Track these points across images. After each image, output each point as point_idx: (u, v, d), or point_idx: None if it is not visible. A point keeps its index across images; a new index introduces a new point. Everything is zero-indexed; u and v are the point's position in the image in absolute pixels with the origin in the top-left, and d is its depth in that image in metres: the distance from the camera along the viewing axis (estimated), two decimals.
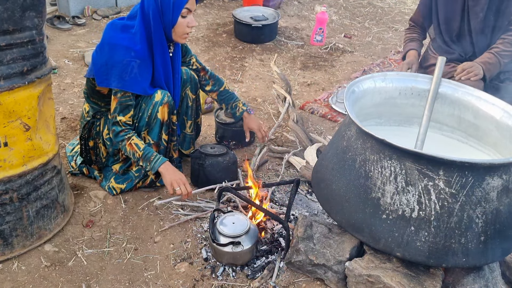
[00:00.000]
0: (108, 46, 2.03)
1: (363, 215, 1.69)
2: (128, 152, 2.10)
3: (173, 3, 2.00)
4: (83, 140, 2.30)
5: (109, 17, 4.59)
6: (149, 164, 2.08)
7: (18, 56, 1.64)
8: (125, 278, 1.90)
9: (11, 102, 1.66)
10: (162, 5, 2.01)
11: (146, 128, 2.18)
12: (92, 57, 2.12)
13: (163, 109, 2.15)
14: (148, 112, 2.14)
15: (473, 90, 2.01)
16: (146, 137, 2.21)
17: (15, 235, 1.88)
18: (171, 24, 2.05)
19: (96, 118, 2.29)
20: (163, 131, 2.20)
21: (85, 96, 2.29)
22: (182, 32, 2.09)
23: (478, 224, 1.58)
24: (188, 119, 2.51)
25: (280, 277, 1.92)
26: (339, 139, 1.88)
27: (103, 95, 2.23)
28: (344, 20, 5.18)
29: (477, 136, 2.03)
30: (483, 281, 1.72)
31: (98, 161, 2.34)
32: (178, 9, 2.02)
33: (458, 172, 1.53)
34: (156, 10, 2.02)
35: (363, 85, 2.01)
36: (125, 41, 2.02)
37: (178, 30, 2.08)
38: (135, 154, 2.09)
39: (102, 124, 2.25)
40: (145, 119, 2.16)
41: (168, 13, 2.02)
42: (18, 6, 1.59)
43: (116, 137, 2.10)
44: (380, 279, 1.68)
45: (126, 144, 2.09)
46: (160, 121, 2.17)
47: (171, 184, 2.06)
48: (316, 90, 3.64)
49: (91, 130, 2.28)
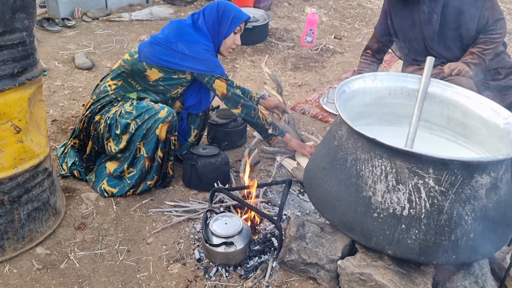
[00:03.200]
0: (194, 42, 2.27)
1: (354, 213, 1.71)
2: (262, 118, 2.40)
3: (232, 17, 2.32)
4: (92, 113, 2.30)
5: (99, 19, 4.58)
6: (278, 130, 2.45)
7: (8, 57, 1.64)
8: (118, 280, 1.89)
9: (1, 104, 1.65)
10: (223, 16, 2.31)
11: (143, 139, 2.22)
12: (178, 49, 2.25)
13: (163, 127, 2.20)
14: (148, 124, 2.19)
15: (461, 90, 2.04)
16: (141, 148, 2.23)
17: (6, 238, 1.87)
18: (224, 35, 2.34)
19: (117, 99, 2.31)
20: (159, 148, 2.24)
21: (123, 75, 2.31)
22: (229, 45, 2.39)
23: (467, 221, 1.60)
24: (195, 128, 2.58)
25: (273, 276, 1.92)
26: (330, 139, 1.90)
27: (147, 80, 2.30)
28: (334, 21, 5.21)
29: (465, 135, 2.06)
30: (473, 277, 1.75)
31: (94, 137, 2.32)
32: (235, 24, 2.34)
33: (447, 170, 1.55)
34: (216, 19, 2.31)
35: (353, 85, 2.03)
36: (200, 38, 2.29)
37: (227, 42, 2.38)
38: (267, 120, 2.42)
39: (119, 106, 2.27)
40: (143, 130, 2.20)
41: (225, 25, 2.32)
42: (8, 8, 1.58)
43: (249, 108, 2.36)
44: (372, 277, 1.70)
45: (258, 111, 2.39)
46: (157, 138, 2.21)
47: (304, 148, 2.52)
48: (307, 91, 3.66)
49: (104, 107, 2.30)
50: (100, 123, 2.28)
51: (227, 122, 2.73)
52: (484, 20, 2.56)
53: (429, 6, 2.58)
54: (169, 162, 2.35)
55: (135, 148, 2.24)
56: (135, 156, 2.26)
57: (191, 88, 2.43)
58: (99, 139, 2.31)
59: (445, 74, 2.54)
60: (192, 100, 2.45)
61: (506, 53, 2.76)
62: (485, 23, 2.56)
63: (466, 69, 2.54)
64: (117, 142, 2.25)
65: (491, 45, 2.59)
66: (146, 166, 2.25)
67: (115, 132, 2.23)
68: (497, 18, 2.56)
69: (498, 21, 2.56)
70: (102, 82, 2.39)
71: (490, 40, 2.58)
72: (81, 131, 2.38)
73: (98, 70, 3.65)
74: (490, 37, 2.59)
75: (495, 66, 2.72)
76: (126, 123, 2.20)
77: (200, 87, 2.43)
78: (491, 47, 2.59)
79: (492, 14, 2.56)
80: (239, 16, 2.35)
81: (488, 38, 2.59)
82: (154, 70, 2.26)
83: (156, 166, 2.28)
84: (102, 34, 4.31)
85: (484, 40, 2.59)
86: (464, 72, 2.52)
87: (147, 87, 2.32)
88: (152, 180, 2.31)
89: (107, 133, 2.26)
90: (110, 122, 2.24)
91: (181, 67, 2.26)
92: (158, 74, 2.27)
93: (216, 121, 2.76)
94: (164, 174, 2.37)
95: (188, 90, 2.44)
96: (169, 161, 2.34)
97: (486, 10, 2.54)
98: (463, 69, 2.53)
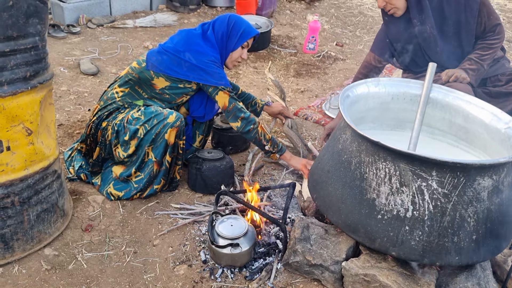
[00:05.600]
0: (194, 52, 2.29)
1: (359, 215, 1.74)
2: (260, 133, 2.37)
3: (242, 31, 2.37)
4: (99, 120, 2.34)
5: (104, 26, 4.63)
6: (276, 147, 2.40)
7: (21, 61, 1.68)
8: (125, 280, 1.92)
9: (14, 107, 1.69)
10: (232, 30, 2.36)
11: (151, 144, 2.25)
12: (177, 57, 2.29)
13: (172, 132, 2.23)
14: (157, 129, 2.22)
15: (463, 95, 2.08)
16: (150, 152, 2.26)
17: (15, 238, 1.90)
18: (231, 49, 2.39)
19: (124, 106, 2.34)
20: (167, 152, 2.27)
21: (130, 82, 2.34)
22: (235, 58, 2.43)
23: (470, 223, 1.63)
24: (200, 134, 2.62)
25: (277, 278, 1.95)
26: (334, 142, 1.93)
27: (153, 88, 2.34)
28: (335, 29, 5.27)
29: (467, 139, 2.10)
30: (475, 279, 1.78)
31: (102, 143, 2.36)
32: (243, 39, 2.38)
33: (450, 173, 1.58)
34: (226, 32, 2.35)
35: (357, 90, 2.07)
36: (208, 50, 2.33)
37: (234, 56, 2.42)
38: (266, 136, 2.38)
39: (125, 112, 2.30)
40: (152, 135, 2.23)
41: (234, 39, 2.36)
42: (22, 13, 1.63)
43: (249, 123, 2.34)
44: (376, 278, 1.72)
45: (259, 127, 2.37)
46: (166, 142, 2.24)
47: (305, 166, 2.40)
48: (310, 97, 3.71)
49: (112, 114, 2.33)
50: (108, 130, 2.31)
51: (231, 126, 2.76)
52: (482, 27, 2.60)
53: (420, 19, 2.61)
54: (176, 167, 2.38)
55: (143, 153, 2.27)
56: (143, 161, 2.29)
57: (197, 100, 2.46)
58: (106, 145, 2.35)
59: (442, 80, 2.58)
60: (198, 112, 2.50)
61: (505, 59, 2.79)
62: (483, 30, 2.60)
63: (464, 76, 2.57)
64: (125, 148, 2.28)
65: (489, 51, 2.62)
66: (154, 170, 2.29)
67: (123, 138, 2.26)
68: (494, 24, 2.60)
69: (495, 26, 2.60)
70: (109, 88, 2.43)
71: (488, 46, 2.62)
72: (88, 136, 2.42)
73: (103, 76, 3.70)
74: (488, 43, 2.62)
75: (495, 73, 2.75)
76: (135, 129, 2.23)
77: (206, 99, 2.47)
78: (489, 52, 2.62)
79: (489, 20, 2.59)
80: (248, 32, 2.39)
81: (486, 44, 2.62)
82: (161, 79, 2.30)
83: (163, 171, 2.32)
84: (106, 40, 4.36)
85: (481, 46, 2.63)
86: (461, 78, 2.56)
87: (153, 95, 2.35)
88: (159, 184, 2.34)
89: (114, 140, 2.30)
90: (118, 128, 2.27)
91: (187, 77, 2.29)
92: (165, 82, 2.31)
93: (220, 126, 2.80)
94: (171, 179, 2.40)
95: (194, 101, 2.47)
96: (176, 165, 2.37)
97: (482, 17, 2.58)
98: (460, 75, 2.57)
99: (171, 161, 2.32)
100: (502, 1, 6.58)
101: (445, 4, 2.57)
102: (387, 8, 2.66)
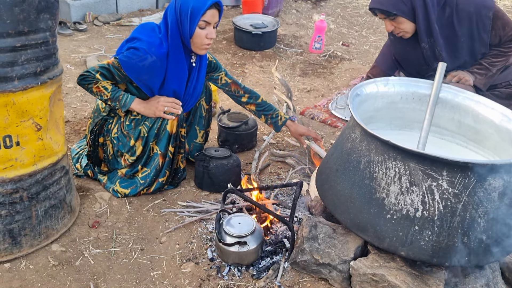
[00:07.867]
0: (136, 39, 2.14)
1: (367, 215, 1.73)
2: (95, 93, 2.13)
3: (190, 14, 2.06)
4: (93, 135, 2.33)
5: (110, 23, 4.64)
6: (118, 103, 2.14)
7: (32, 57, 1.68)
8: (132, 277, 1.92)
9: (24, 102, 1.69)
10: (181, 16, 2.08)
11: (155, 138, 2.24)
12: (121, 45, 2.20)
13: (172, 122, 2.22)
14: (158, 123, 2.21)
15: (472, 95, 2.07)
16: (154, 147, 2.26)
17: (23, 234, 1.90)
18: (188, 35, 2.11)
19: (110, 115, 2.33)
20: (170, 143, 2.26)
21: None
22: (200, 43, 2.14)
23: (480, 224, 1.62)
24: (201, 129, 2.58)
25: (285, 277, 1.94)
26: (343, 142, 1.93)
27: None
28: (341, 28, 5.26)
29: (476, 140, 2.09)
30: (484, 280, 1.77)
31: (106, 159, 2.37)
32: (194, 21, 2.07)
33: (461, 173, 1.57)
34: (175, 20, 2.10)
35: (366, 89, 2.06)
36: (151, 38, 2.12)
37: (196, 41, 2.13)
38: (103, 96, 2.13)
39: (114, 122, 2.29)
40: (154, 130, 2.22)
41: (186, 24, 2.09)
42: (33, 8, 1.62)
43: (83, 80, 2.10)
44: (384, 278, 1.72)
45: (93, 87, 2.12)
46: (169, 133, 2.23)
47: (155, 113, 2.16)
48: (316, 96, 3.70)
49: (103, 127, 2.32)
50: (107, 145, 2.32)
51: (237, 125, 2.76)
52: (497, 39, 2.59)
53: (428, 42, 2.61)
54: (179, 155, 2.35)
55: (148, 149, 2.27)
56: (149, 156, 2.28)
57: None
58: (110, 160, 2.36)
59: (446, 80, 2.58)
60: None
61: None
62: (498, 41, 2.60)
63: (466, 78, 2.57)
64: (132, 153, 2.28)
65: (501, 58, 2.62)
66: (160, 163, 2.28)
67: (128, 145, 2.26)
68: (510, 34, 2.59)
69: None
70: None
71: (500, 53, 2.62)
72: (90, 155, 2.41)
73: None
74: (501, 50, 2.62)
75: (507, 79, 2.74)
76: (138, 131, 2.23)
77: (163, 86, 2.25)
78: (501, 59, 2.62)
79: (504, 31, 2.58)
80: (197, 8, 2.04)
81: (498, 51, 2.62)
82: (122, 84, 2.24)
83: (167, 162, 2.30)
84: (113, 38, 4.37)
85: (494, 53, 2.63)
86: (464, 80, 2.56)
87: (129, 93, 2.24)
88: (164, 176, 2.33)
89: (117, 152, 2.31)
90: (117, 141, 2.28)
91: None
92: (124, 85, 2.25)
93: (227, 124, 2.80)
94: (175, 170, 2.38)
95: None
96: (179, 154, 2.35)
97: (497, 30, 2.57)
98: (463, 77, 2.57)
99: (174, 150, 2.30)
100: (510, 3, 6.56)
101: (455, 21, 2.56)
102: (396, 32, 2.66)
